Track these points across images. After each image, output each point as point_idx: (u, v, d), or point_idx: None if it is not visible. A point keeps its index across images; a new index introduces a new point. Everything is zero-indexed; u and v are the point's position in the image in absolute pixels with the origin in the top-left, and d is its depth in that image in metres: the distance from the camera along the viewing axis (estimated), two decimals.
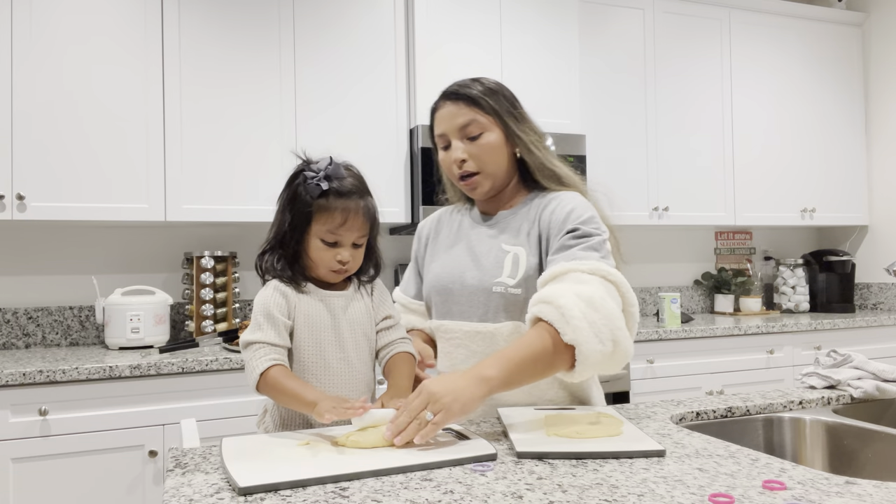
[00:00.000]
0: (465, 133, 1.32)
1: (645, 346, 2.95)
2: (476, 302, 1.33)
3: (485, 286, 1.31)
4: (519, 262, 1.30)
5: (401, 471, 0.94)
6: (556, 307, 1.10)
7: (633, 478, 0.90)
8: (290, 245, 1.21)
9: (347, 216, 1.19)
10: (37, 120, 2.38)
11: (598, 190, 1.42)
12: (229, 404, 2.28)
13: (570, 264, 1.17)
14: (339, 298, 1.25)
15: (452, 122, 1.33)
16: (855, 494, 0.83)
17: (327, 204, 1.19)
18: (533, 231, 1.32)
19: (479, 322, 1.33)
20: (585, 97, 3.22)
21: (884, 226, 3.83)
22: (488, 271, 1.32)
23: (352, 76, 2.80)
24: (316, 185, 1.18)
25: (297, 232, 1.21)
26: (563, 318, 1.09)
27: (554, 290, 1.12)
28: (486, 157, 1.32)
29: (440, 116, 1.36)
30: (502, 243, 1.34)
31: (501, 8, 2.99)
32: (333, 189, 1.19)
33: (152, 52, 2.53)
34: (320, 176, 1.19)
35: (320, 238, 1.20)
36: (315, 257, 1.21)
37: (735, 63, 3.60)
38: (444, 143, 1.36)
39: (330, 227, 1.19)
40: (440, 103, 1.36)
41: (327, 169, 1.20)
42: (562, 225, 1.25)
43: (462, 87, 1.35)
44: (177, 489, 0.89)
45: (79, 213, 2.43)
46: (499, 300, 1.30)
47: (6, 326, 2.64)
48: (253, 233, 2.98)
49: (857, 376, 1.49)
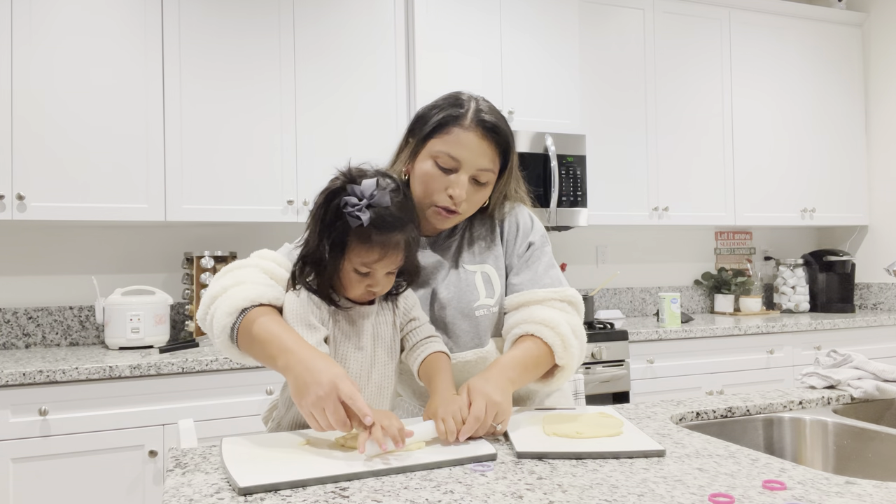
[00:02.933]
0: (477, 176, 1.23)
1: (645, 346, 2.95)
2: (459, 330, 1.28)
3: (465, 312, 1.27)
4: (491, 281, 1.29)
5: (401, 471, 0.94)
6: (557, 334, 1.22)
7: (633, 478, 0.90)
8: (325, 267, 1.12)
9: (386, 253, 1.10)
10: (37, 120, 2.38)
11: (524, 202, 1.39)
12: (229, 404, 2.28)
13: (545, 293, 1.28)
14: (367, 314, 1.19)
15: (476, 160, 1.21)
16: (855, 494, 0.83)
17: (366, 238, 1.08)
18: (497, 248, 1.32)
19: (466, 350, 1.28)
20: (585, 97, 3.23)
21: (884, 226, 3.83)
22: (463, 296, 1.27)
23: (352, 76, 2.80)
24: (356, 218, 1.07)
25: (331, 257, 1.11)
26: (563, 346, 1.22)
27: (549, 316, 1.23)
28: (475, 205, 1.26)
29: (465, 142, 1.21)
30: (464, 265, 1.29)
31: (501, 8, 2.99)
32: (374, 223, 1.07)
33: (152, 52, 2.53)
34: (362, 205, 1.07)
35: (354, 268, 1.11)
36: (346, 283, 1.14)
37: (735, 63, 3.60)
38: (450, 165, 1.21)
39: (366, 262, 1.10)
40: (470, 126, 1.21)
41: (371, 197, 1.08)
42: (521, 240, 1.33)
43: (501, 126, 1.23)
44: (177, 489, 0.89)
45: (79, 213, 2.43)
46: (484, 322, 1.28)
47: (6, 326, 2.64)
48: (253, 233, 2.99)
49: (857, 376, 1.49)
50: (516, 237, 1.33)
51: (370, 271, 1.12)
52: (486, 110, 1.24)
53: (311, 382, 1.00)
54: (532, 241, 1.33)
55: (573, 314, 1.28)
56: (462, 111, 1.22)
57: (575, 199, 3.05)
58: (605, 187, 3.27)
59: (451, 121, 1.22)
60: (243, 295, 1.14)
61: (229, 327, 1.14)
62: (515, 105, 2.98)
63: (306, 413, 1.01)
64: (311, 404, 0.99)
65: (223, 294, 1.17)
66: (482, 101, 1.26)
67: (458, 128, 1.21)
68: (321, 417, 0.99)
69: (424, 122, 1.25)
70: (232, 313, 1.14)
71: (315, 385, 1.00)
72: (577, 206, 3.06)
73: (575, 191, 3.05)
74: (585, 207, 3.08)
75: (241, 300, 1.14)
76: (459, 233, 1.33)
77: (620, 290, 3.69)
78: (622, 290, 3.69)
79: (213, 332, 1.17)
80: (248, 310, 1.14)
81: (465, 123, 1.21)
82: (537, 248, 1.33)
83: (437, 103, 1.26)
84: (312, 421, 1.01)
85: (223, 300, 1.16)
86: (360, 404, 0.98)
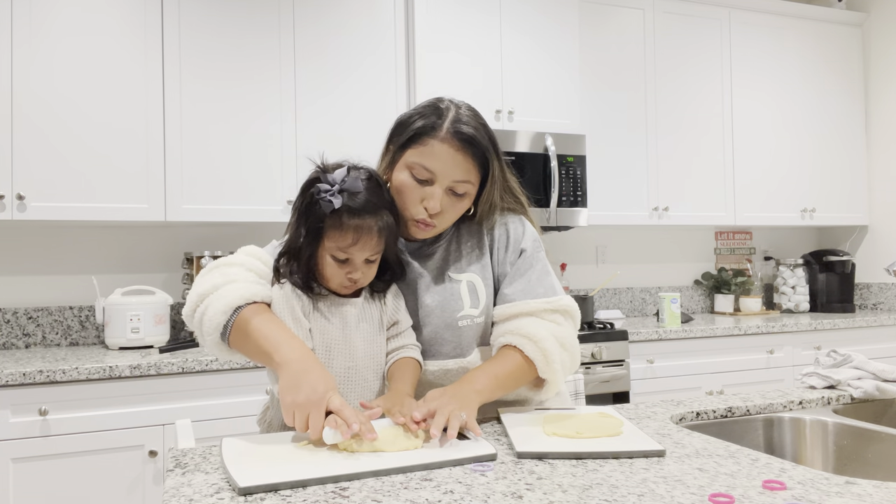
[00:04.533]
0: (454, 188, 1.19)
1: (645, 346, 2.95)
2: (440, 339, 1.26)
3: (448, 322, 1.25)
4: (477, 291, 1.26)
5: (401, 471, 0.94)
6: (539, 349, 1.19)
7: (633, 478, 0.90)
8: (304, 257, 1.17)
9: (360, 236, 1.12)
10: (37, 120, 2.38)
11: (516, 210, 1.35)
12: (229, 404, 2.28)
13: (536, 304, 1.24)
14: (352, 307, 1.21)
15: (451, 172, 1.18)
16: (855, 494, 0.83)
17: (339, 222, 1.12)
18: (484, 256, 1.29)
19: (448, 359, 1.26)
20: (585, 97, 3.22)
21: (884, 226, 3.83)
22: (447, 305, 1.25)
23: (351, 76, 2.80)
24: (328, 202, 1.11)
25: (310, 246, 1.16)
26: (546, 360, 1.19)
27: (534, 330, 1.20)
28: (454, 216, 1.23)
29: (439, 153, 1.17)
30: (449, 272, 1.27)
31: (501, 8, 2.99)
32: (346, 206, 1.12)
33: (152, 52, 2.53)
34: (334, 190, 1.12)
35: (331, 254, 1.15)
36: (326, 273, 1.17)
37: (735, 63, 3.60)
38: (424, 177, 1.18)
39: (341, 246, 1.13)
40: (445, 138, 1.17)
41: (343, 182, 1.12)
42: (512, 247, 1.29)
43: (478, 138, 1.19)
44: (177, 489, 0.89)
45: (79, 213, 2.43)
46: (468, 332, 1.26)
47: (6, 326, 2.64)
48: (253, 233, 2.98)
49: (857, 376, 1.49)
50: (507, 245, 1.29)
51: (348, 257, 1.15)
52: (465, 120, 1.19)
53: (304, 384, 1.02)
54: (524, 248, 1.29)
55: (566, 325, 1.25)
56: (439, 122, 1.19)
57: (575, 199, 3.05)
58: (605, 187, 3.27)
59: (427, 131, 1.18)
60: (238, 294, 1.14)
61: (222, 325, 1.14)
62: (515, 105, 2.98)
63: (287, 408, 1.02)
64: (298, 404, 1.01)
65: (214, 292, 1.16)
66: (463, 109, 1.22)
67: (433, 139, 1.18)
68: (300, 418, 1.01)
69: (402, 130, 1.22)
70: (226, 311, 1.13)
71: (309, 388, 1.02)
72: (577, 206, 3.06)
73: (575, 191, 3.05)
74: (585, 207, 3.08)
75: (235, 298, 1.14)
76: (445, 240, 1.30)
77: (620, 290, 3.69)
78: (622, 290, 3.69)
79: (203, 330, 1.16)
80: (242, 307, 1.14)
81: (441, 135, 1.17)
82: (530, 255, 1.29)
83: (417, 110, 1.23)
84: (289, 417, 1.02)
85: (216, 298, 1.15)
86: (348, 414, 1.00)
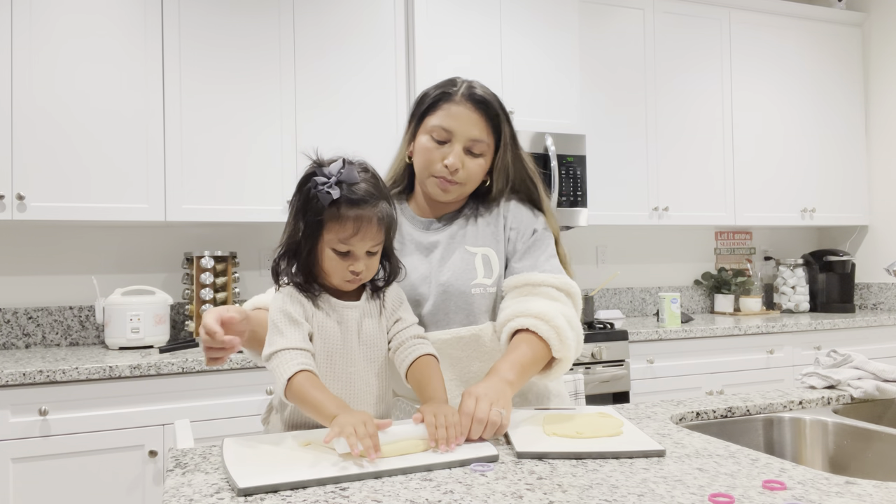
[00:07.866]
0: (471, 147, 1.30)
1: (645, 346, 2.95)
2: (454, 307, 1.31)
3: (462, 289, 1.30)
4: (491, 263, 1.34)
5: (401, 471, 0.94)
6: (552, 327, 1.23)
7: (633, 478, 0.90)
8: (303, 253, 1.15)
9: (360, 226, 1.12)
10: (37, 120, 2.38)
11: None
12: (229, 404, 2.28)
13: (542, 276, 1.30)
14: (353, 310, 1.19)
15: (467, 130, 1.29)
16: (855, 494, 0.83)
17: (338, 213, 1.11)
18: (499, 234, 1.36)
19: (461, 326, 1.31)
20: (585, 97, 3.22)
21: (884, 226, 3.83)
22: (461, 274, 1.31)
23: (352, 77, 2.80)
24: (326, 193, 1.10)
25: (309, 241, 1.14)
26: (559, 338, 1.23)
27: (544, 309, 1.25)
28: (475, 176, 1.33)
29: (456, 114, 1.29)
30: (466, 245, 1.34)
31: (501, 8, 2.99)
32: (345, 197, 1.11)
33: (152, 52, 2.53)
34: (331, 182, 1.11)
35: (332, 248, 1.13)
36: (327, 267, 1.15)
37: (735, 63, 3.60)
38: (443, 137, 1.30)
39: (341, 237, 1.12)
40: (460, 101, 1.30)
41: (339, 173, 1.12)
42: (525, 227, 1.37)
43: (490, 100, 1.32)
44: (177, 489, 0.89)
45: (79, 213, 2.43)
46: (480, 301, 1.31)
47: (6, 326, 2.64)
48: (253, 233, 2.98)
49: (857, 376, 1.49)
50: (521, 224, 1.37)
51: (349, 250, 1.14)
52: (478, 87, 1.33)
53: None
54: (536, 229, 1.37)
55: (569, 305, 1.30)
56: (454, 89, 1.32)
57: (575, 199, 3.05)
58: (605, 187, 3.27)
59: (443, 97, 1.31)
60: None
61: None
62: (516, 105, 2.98)
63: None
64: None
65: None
66: (476, 81, 1.35)
67: (450, 103, 1.30)
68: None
69: (421, 102, 1.35)
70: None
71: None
72: (577, 206, 3.06)
73: (575, 191, 3.05)
74: (585, 207, 3.08)
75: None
76: (463, 217, 1.38)
77: (620, 290, 3.69)
78: (622, 290, 3.69)
79: None
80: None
81: (456, 98, 1.30)
82: (540, 236, 1.36)
83: (434, 86, 1.35)
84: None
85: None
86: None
